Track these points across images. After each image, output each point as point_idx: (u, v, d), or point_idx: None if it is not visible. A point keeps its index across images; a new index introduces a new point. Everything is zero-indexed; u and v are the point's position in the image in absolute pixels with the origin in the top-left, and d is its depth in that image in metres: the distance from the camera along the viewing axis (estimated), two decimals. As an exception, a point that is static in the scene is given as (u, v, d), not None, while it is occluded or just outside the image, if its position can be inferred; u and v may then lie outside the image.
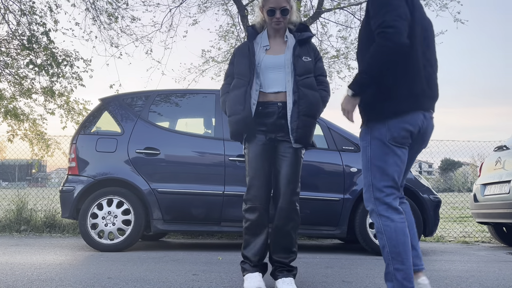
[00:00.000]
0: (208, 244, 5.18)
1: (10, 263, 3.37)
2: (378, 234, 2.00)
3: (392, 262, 1.96)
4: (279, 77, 2.52)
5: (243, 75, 2.53)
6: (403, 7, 1.97)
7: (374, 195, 2.04)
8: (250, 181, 2.52)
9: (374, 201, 2.04)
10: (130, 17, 8.45)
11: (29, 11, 7.61)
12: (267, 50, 2.58)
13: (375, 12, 1.98)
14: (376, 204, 2.03)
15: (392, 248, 1.96)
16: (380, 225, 2.00)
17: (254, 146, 2.53)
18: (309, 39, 2.63)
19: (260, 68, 2.53)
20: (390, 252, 1.97)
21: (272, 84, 2.52)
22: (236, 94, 2.51)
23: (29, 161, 9.57)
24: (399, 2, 1.97)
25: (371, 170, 2.06)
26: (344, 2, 8.63)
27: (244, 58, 2.57)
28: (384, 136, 2.03)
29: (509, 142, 5.51)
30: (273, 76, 2.53)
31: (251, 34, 2.65)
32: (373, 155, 2.05)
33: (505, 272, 3.35)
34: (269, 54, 2.56)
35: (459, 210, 11.19)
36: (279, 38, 2.62)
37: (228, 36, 9.23)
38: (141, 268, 3.20)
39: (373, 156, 2.06)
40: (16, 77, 8.52)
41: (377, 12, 1.97)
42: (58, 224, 6.08)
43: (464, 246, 5.59)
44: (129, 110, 4.51)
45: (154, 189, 4.21)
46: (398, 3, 1.96)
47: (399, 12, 1.94)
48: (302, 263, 3.59)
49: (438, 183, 15.27)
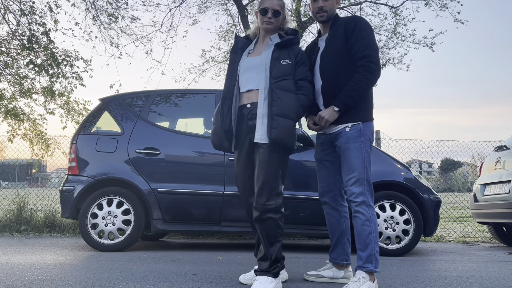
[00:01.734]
0: (208, 244, 5.18)
1: (10, 263, 3.37)
2: (366, 222, 2.44)
3: (375, 245, 2.44)
4: (252, 76, 2.58)
5: (225, 90, 2.67)
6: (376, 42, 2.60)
7: (367, 189, 2.48)
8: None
9: (366, 194, 2.47)
10: (130, 17, 8.46)
11: (29, 11, 7.60)
12: (249, 53, 2.69)
13: (357, 41, 2.49)
14: (367, 196, 2.48)
15: (375, 233, 2.45)
16: (370, 214, 2.46)
17: (236, 152, 2.70)
18: (290, 42, 2.63)
19: (240, 70, 2.64)
20: (374, 237, 2.44)
21: (245, 83, 2.62)
22: (218, 107, 2.70)
23: (29, 161, 9.56)
24: (374, 37, 2.57)
25: (367, 168, 2.49)
26: (344, 2, 8.64)
27: (230, 71, 2.69)
28: (371, 138, 2.56)
29: (509, 142, 5.51)
30: (248, 75, 2.61)
31: (239, 41, 2.76)
32: (366, 155, 2.51)
33: (505, 272, 3.35)
34: (250, 56, 2.67)
35: (459, 210, 11.18)
36: (266, 42, 2.69)
37: (228, 36, 9.24)
38: (141, 268, 3.20)
39: (366, 156, 2.50)
40: (16, 77, 8.51)
41: (361, 43, 2.48)
42: (58, 224, 6.08)
43: (464, 246, 5.59)
44: (129, 110, 4.51)
45: (154, 189, 4.21)
46: (375, 39, 2.58)
47: (377, 47, 2.55)
48: (302, 263, 3.59)
49: (438, 183, 15.27)
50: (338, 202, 2.75)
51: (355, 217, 2.50)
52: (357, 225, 2.48)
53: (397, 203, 4.24)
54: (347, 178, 2.52)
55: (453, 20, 8.14)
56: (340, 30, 2.57)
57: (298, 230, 4.28)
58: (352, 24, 2.53)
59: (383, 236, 4.19)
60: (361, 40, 2.48)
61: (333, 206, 2.75)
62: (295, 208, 4.16)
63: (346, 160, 2.52)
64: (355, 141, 2.50)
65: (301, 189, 4.21)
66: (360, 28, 2.52)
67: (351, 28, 2.52)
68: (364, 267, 2.43)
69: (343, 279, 2.76)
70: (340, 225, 2.75)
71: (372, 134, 2.58)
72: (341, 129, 2.55)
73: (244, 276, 2.70)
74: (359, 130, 2.51)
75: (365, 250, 2.43)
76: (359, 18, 2.64)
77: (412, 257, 4.18)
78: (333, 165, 2.71)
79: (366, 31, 2.52)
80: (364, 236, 2.44)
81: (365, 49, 2.47)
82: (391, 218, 4.21)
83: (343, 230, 2.75)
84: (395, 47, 8.93)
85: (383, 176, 4.30)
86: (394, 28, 8.73)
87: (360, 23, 2.55)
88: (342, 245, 2.76)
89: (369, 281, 2.40)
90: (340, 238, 2.76)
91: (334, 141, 2.62)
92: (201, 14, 9.05)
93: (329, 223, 2.79)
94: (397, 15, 8.66)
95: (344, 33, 2.54)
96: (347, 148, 2.52)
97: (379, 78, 2.52)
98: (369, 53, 2.46)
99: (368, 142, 2.53)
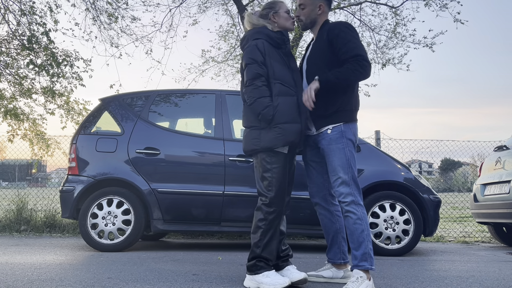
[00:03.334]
0: (208, 244, 5.18)
1: (10, 263, 3.37)
2: (358, 221, 2.47)
3: (368, 243, 2.45)
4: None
5: (289, 84, 2.59)
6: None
7: (354, 188, 2.51)
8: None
9: (355, 193, 2.50)
10: (130, 17, 8.46)
11: (29, 11, 7.60)
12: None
13: (344, 45, 2.50)
14: (356, 195, 2.51)
15: (367, 231, 2.48)
16: (360, 213, 2.49)
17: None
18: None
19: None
20: (367, 235, 2.47)
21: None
22: (290, 102, 2.55)
23: (29, 161, 9.56)
24: (360, 40, 2.60)
25: (352, 168, 2.53)
26: (344, 2, 8.64)
27: (282, 65, 2.61)
28: (353, 138, 2.58)
29: (509, 142, 5.51)
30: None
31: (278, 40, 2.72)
32: (350, 155, 2.54)
33: (505, 272, 3.35)
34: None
35: (459, 210, 11.19)
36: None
37: (228, 36, 9.24)
38: (141, 268, 3.20)
39: (350, 156, 2.54)
40: (16, 77, 8.51)
41: (348, 46, 2.49)
42: (58, 224, 6.08)
43: (464, 246, 5.59)
44: (129, 110, 4.51)
45: (154, 189, 4.21)
46: (361, 42, 2.60)
47: (364, 49, 2.58)
48: (302, 263, 3.59)
49: (438, 183, 15.27)
50: (329, 202, 2.78)
51: (346, 217, 2.52)
52: (349, 225, 2.50)
53: (397, 203, 4.24)
54: (333, 179, 2.55)
55: (453, 20, 8.15)
56: (324, 35, 2.61)
57: (298, 230, 4.29)
58: (335, 30, 2.56)
59: (383, 236, 4.19)
60: (348, 43, 2.50)
61: (324, 206, 2.78)
62: (295, 208, 4.16)
63: (330, 161, 2.56)
64: (337, 142, 2.53)
65: (301, 189, 4.20)
66: (345, 32, 2.54)
67: (335, 33, 2.55)
68: (360, 266, 2.44)
69: (343, 278, 2.76)
70: (333, 224, 2.77)
71: (355, 134, 2.60)
72: (323, 131, 2.59)
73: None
74: (340, 132, 2.54)
75: (359, 248, 2.45)
76: (342, 23, 2.67)
77: (412, 257, 4.18)
78: (320, 166, 2.75)
79: (351, 35, 2.54)
80: (356, 235, 2.46)
81: (355, 50, 2.49)
82: (391, 218, 4.21)
83: (337, 229, 2.77)
84: (395, 47, 8.92)
85: (383, 176, 4.30)
86: (394, 28, 8.73)
87: (344, 27, 2.57)
88: (338, 244, 2.78)
89: (366, 280, 2.41)
90: (335, 237, 2.78)
91: (317, 144, 2.66)
92: (201, 14, 9.07)
93: (323, 223, 2.81)
94: (397, 15, 8.66)
95: (327, 38, 2.57)
96: (330, 150, 2.55)
97: (367, 78, 2.52)
98: (360, 52, 2.49)
99: (350, 143, 2.55)
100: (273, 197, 2.54)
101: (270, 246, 2.55)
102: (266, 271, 2.52)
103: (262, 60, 2.56)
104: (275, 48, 2.64)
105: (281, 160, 2.56)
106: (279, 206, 2.56)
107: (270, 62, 2.57)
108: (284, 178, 2.58)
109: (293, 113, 2.54)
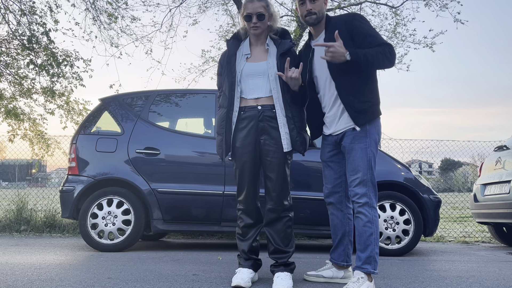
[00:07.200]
0: (208, 244, 5.18)
1: (10, 263, 3.37)
2: (368, 223, 2.44)
3: (375, 247, 2.44)
4: (259, 83, 2.62)
5: (225, 95, 2.68)
6: None
7: (371, 190, 2.48)
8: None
9: (370, 195, 2.47)
10: (130, 17, 8.46)
11: (29, 11, 7.60)
12: (248, 58, 2.67)
13: (373, 30, 2.48)
14: (371, 197, 2.48)
15: (376, 235, 2.45)
16: (372, 216, 2.46)
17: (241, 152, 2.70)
18: (291, 49, 2.67)
19: (241, 75, 2.64)
20: (375, 239, 2.45)
21: (252, 90, 2.63)
22: (220, 115, 2.69)
23: (29, 161, 9.57)
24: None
25: (372, 169, 2.48)
26: (344, 2, 8.64)
27: (228, 73, 2.66)
28: (377, 138, 2.54)
29: (509, 142, 5.51)
30: (253, 82, 2.63)
31: (232, 46, 2.73)
32: (372, 155, 2.50)
33: (505, 272, 3.35)
34: (250, 62, 2.66)
35: (459, 210, 11.19)
36: (261, 46, 2.70)
37: (228, 36, 9.23)
38: (141, 268, 3.20)
39: (372, 156, 2.49)
40: (16, 77, 8.52)
41: (377, 36, 2.46)
42: (58, 224, 6.08)
43: (464, 246, 5.59)
44: (129, 110, 4.51)
45: (154, 189, 4.21)
46: None
47: None
48: (302, 263, 3.59)
49: (438, 183, 15.25)
50: (343, 204, 2.74)
51: (357, 217, 2.49)
52: (359, 226, 2.48)
53: (397, 203, 4.24)
54: (351, 178, 2.51)
55: (453, 20, 8.15)
56: (338, 28, 2.47)
57: (298, 230, 4.28)
58: (355, 21, 2.51)
59: (383, 236, 4.19)
60: (376, 34, 2.48)
61: (338, 207, 2.74)
62: (295, 208, 4.14)
63: (351, 160, 2.51)
64: (361, 141, 2.49)
65: (302, 189, 4.21)
66: (367, 23, 2.52)
67: (355, 24, 2.49)
68: (363, 268, 2.43)
69: (343, 279, 2.76)
70: (343, 226, 2.74)
71: (378, 133, 2.56)
72: (348, 129, 2.53)
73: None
74: (365, 130, 2.49)
75: (364, 251, 2.44)
76: (357, 14, 2.65)
77: (412, 257, 4.18)
78: (339, 166, 2.70)
79: (371, 26, 2.53)
80: (364, 238, 2.45)
81: (383, 40, 2.46)
82: (391, 218, 4.21)
83: (345, 232, 2.74)
84: (395, 47, 8.92)
85: (383, 176, 4.30)
86: (394, 28, 8.73)
87: (362, 19, 2.55)
88: (344, 246, 2.76)
89: (367, 281, 2.41)
90: (342, 239, 2.76)
91: (340, 141, 2.60)
92: (201, 14, 9.06)
93: (332, 224, 2.78)
94: (397, 15, 8.66)
95: (346, 29, 2.48)
96: (352, 149, 2.50)
97: (390, 67, 2.47)
98: (389, 43, 2.45)
99: (373, 143, 2.51)
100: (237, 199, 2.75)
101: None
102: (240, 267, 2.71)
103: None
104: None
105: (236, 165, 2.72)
106: (241, 205, 2.72)
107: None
108: (240, 181, 2.69)
109: (220, 125, 2.68)
